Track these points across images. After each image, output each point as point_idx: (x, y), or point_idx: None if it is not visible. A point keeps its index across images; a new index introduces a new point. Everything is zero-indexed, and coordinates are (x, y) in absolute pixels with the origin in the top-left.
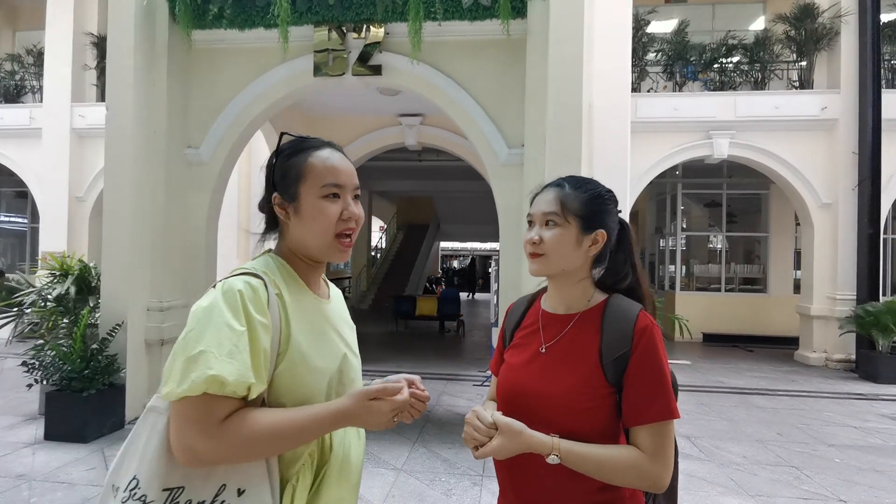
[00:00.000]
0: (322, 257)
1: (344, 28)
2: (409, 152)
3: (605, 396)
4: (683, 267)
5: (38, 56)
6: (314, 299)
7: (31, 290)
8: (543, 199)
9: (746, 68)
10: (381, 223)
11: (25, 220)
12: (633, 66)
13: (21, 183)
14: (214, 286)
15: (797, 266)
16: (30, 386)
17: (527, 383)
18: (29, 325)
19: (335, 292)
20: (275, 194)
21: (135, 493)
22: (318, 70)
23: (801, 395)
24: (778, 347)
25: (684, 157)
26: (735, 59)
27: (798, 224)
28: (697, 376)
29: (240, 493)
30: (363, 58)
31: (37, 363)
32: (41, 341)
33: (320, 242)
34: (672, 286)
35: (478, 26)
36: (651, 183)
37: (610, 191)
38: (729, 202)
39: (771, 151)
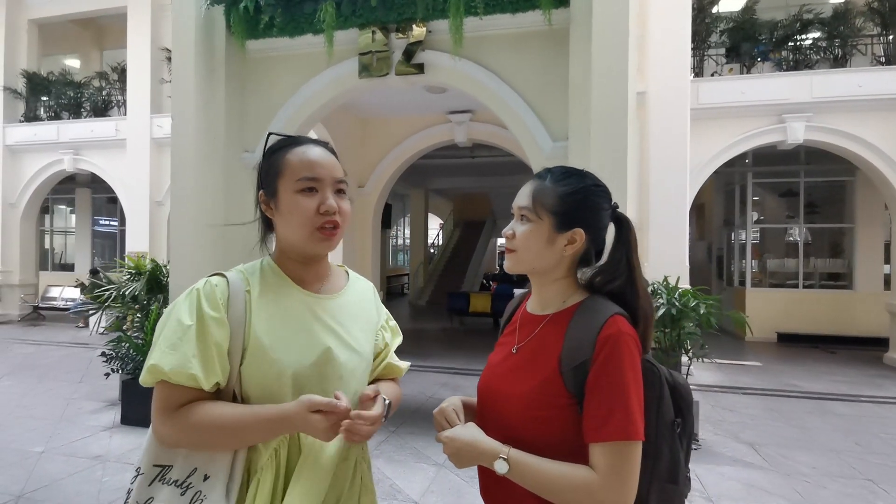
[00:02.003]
0: (307, 251)
1: (387, 28)
2: (462, 149)
3: (562, 406)
4: (755, 262)
5: (122, 72)
6: (303, 295)
7: (111, 286)
8: (521, 192)
9: (825, 45)
10: (440, 220)
11: (116, 223)
12: (694, 49)
13: (111, 189)
14: None
15: (888, 259)
16: (107, 375)
17: (494, 383)
18: (115, 318)
19: (357, 288)
20: (260, 192)
21: (137, 466)
22: (362, 71)
23: (888, 402)
24: (864, 349)
25: (753, 143)
26: (812, 36)
27: (889, 213)
28: (768, 379)
29: (205, 478)
30: (406, 57)
31: (114, 354)
32: (120, 333)
33: (300, 236)
34: (742, 282)
35: (519, 18)
36: (717, 173)
37: (600, 185)
38: (809, 191)
39: (854, 134)
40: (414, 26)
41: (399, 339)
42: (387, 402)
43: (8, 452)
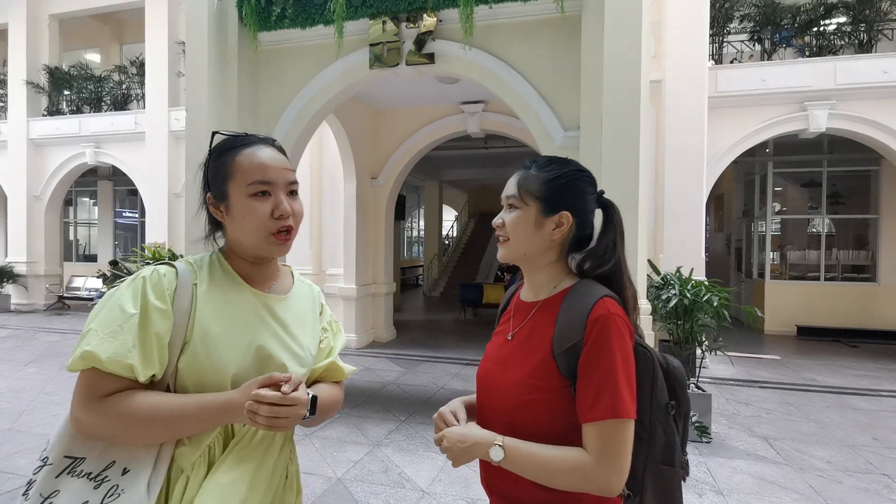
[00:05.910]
0: (260, 254)
1: (398, 18)
2: (476, 140)
3: (556, 390)
4: (775, 253)
5: (140, 66)
6: (251, 294)
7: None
8: (508, 183)
9: (849, 29)
10: (455, 212)
11: (136, 215)
12: (712, 35)
13: (132, 182)
14: None
15: None
16: None
17: (491, 372)
18: None
19: (302, 290)
20: (208, 194)
21: (42, 456)
22: (373, 62)
23: None
24: (888, 343)
25: (774, 132)
26: (836, 21)
27: None
28: (786, 373)
29: (124, 472)
30: (417, 47)
31: None
32: None
33: (254, 241)
34: (761, 274)
35: (531, 6)
36: (737, 162)
37: (583, 171)
38: (832, 181)
39: (879, 122)
40: (424, 15)
41: (342, 341)
42: (310, 394)
43: (31, 436)
